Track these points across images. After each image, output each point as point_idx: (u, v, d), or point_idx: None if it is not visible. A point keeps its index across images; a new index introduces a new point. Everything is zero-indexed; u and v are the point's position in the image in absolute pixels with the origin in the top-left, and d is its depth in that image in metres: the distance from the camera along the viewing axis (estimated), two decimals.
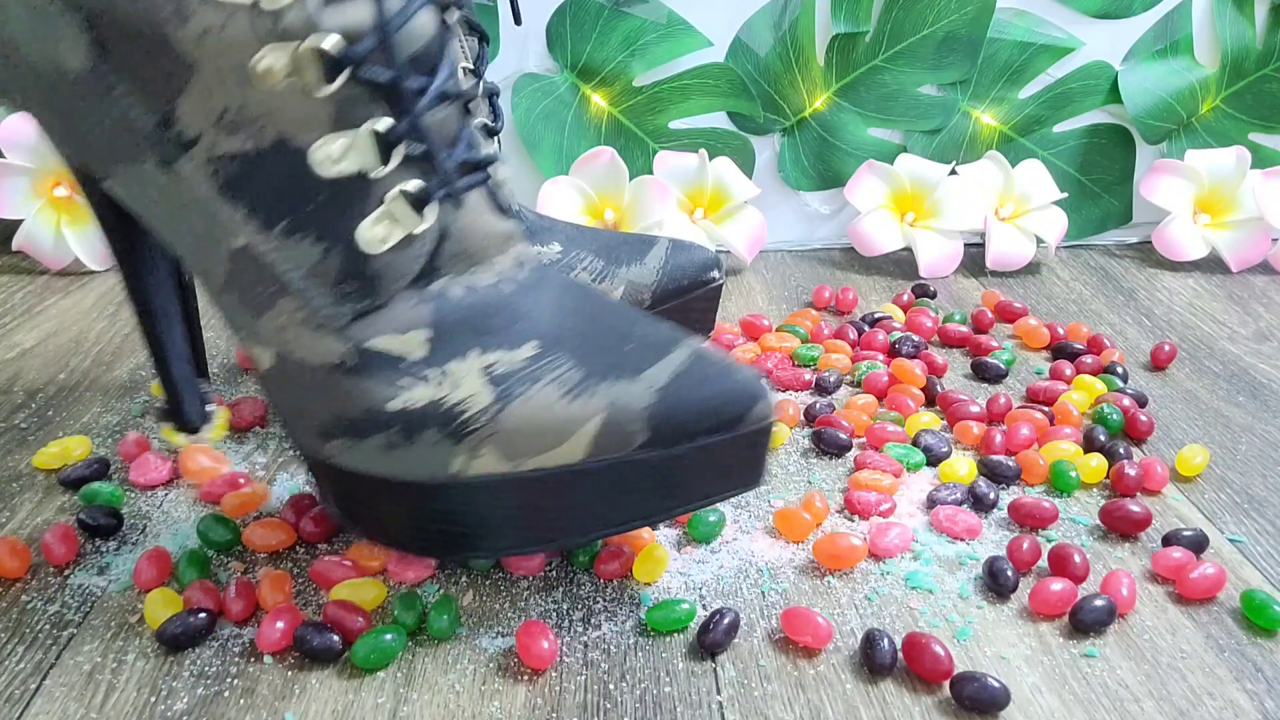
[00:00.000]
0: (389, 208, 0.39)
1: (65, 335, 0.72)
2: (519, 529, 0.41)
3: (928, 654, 0.40)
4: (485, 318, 0.41)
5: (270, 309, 0.41)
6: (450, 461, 0.40)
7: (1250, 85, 0.89)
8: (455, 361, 0.41)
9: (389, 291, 0.40)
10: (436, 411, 0.40)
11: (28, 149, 0.81)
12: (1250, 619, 0.44)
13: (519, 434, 0.40)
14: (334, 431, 0.41)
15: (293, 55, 0.37)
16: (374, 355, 0.40)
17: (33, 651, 0.42)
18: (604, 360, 0.41)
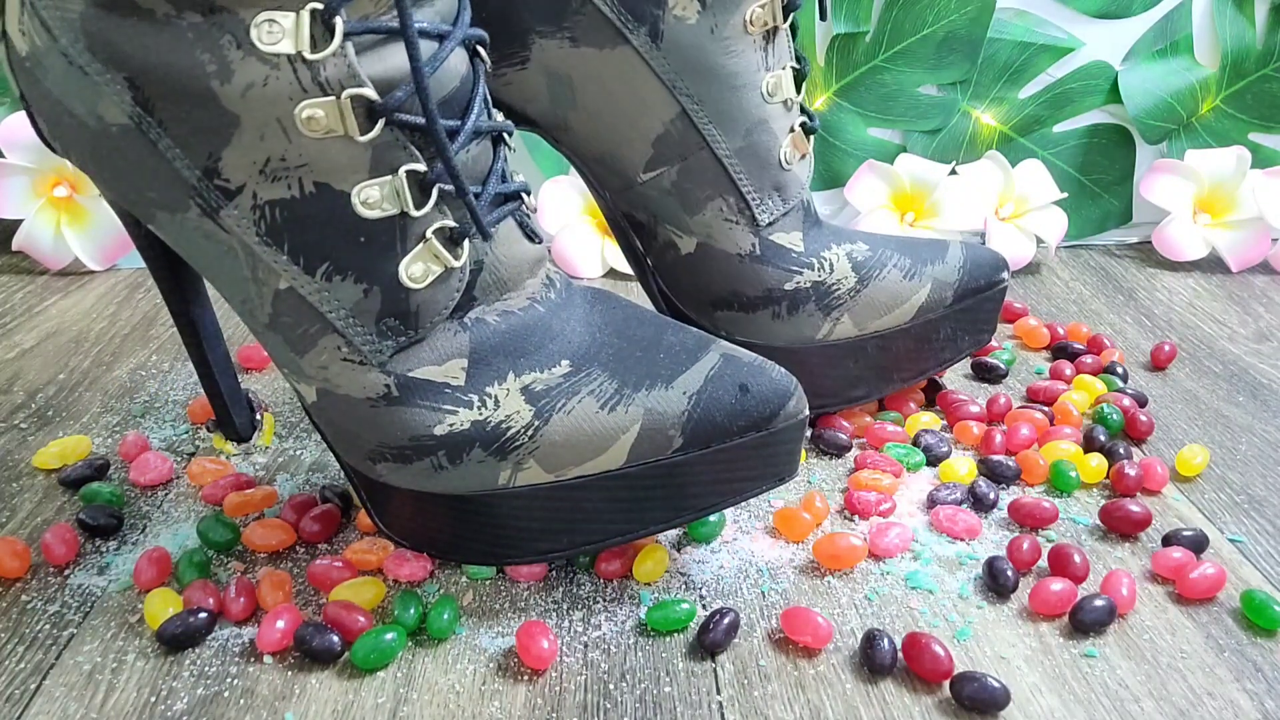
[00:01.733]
0: (427, 246, 0.41)
1: (65, 335, 0.72)
2: (563, 533, 0.43)
3: (928, 654, 0.40)
4: (519, 340, 0.43)
5: (313, 347, 0.42)
6: (498, 476, 0.42)
7: (1250, 85, 0.89)
8: (493, 385, 0.42)
9: (428, 324, 0.42)
10: (480, 432, 0.42)
11: (28, 149, 0.81)
12: (1250, 619, 0.44)
13: (561, 447, 0.42)
14: (381, 458, 0.43)
15: (333, 105, 0.38)
16: (416, 384, 0.42)
17: (33, 651, 0.42)
18: (637, 371, 0.44)
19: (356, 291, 0.41)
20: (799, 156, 0.56)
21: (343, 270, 0.41)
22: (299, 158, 0.39)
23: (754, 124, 0.53)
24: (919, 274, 0.57)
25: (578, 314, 0.45)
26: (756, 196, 0.54)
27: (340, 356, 0.42)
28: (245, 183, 0.39)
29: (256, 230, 0.40)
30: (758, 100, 0.53)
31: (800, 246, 0.55)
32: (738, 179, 0.54)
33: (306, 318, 0.41)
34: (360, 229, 0.40)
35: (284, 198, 0.39)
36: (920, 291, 0.57)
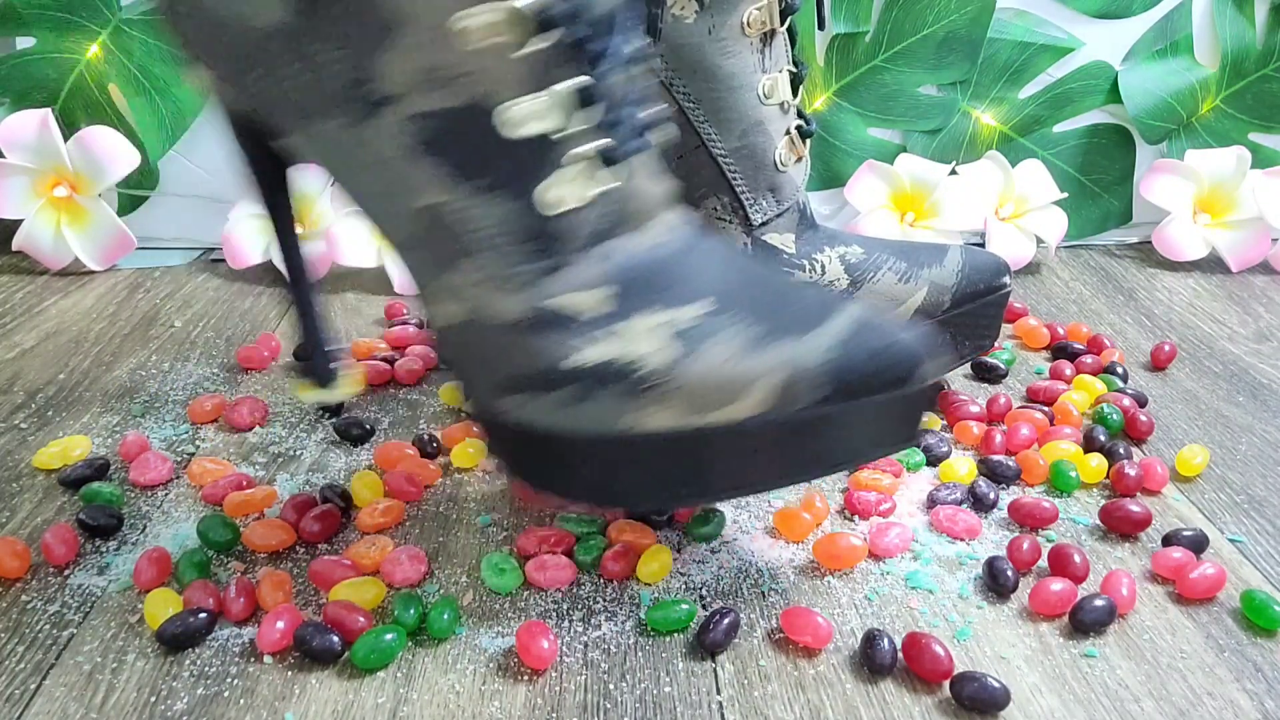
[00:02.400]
0: (574, 168, 0.40)
1: (65, 335, 0.72)
2: (686, 483, 0.42)
3: (928, 654, 0.40)
4: (662, 274, 0.42)
5: (455, 266, 0.41)
6: (622, 417, 0.41)
7: (1250, 85, 0.89)
8: (638, 316, 0.41)
9: (571, 249, 0.41)
10: (612, 368, 0.41)
11: (28, 149, 0.81)
12: (1250, 619, 0.44)
13: (699, 388, 0.40)
14: (512, 387, 0.42)
15: (498, 14, 0.37)
16: (555, 313, 0.41)
17: (33, 651, 0.42)
18: (779, 316, 0.42)
19: (505, 210, 0.40)
20: (794, 159, 0.56)
21: (489, 188, 0.40)
22: (457, 68, 0.38)
23: (750, 125, 0.54)
24: (915, 277, 0.57)
25: (715, 254, 0.44)
26: (750, 196, 0.55)
27: (483, 278, 0.41)
28: (399, 91, 0.39)
29: (405, 141, 0.39)
30: (754, 101, 0.54)
31: (792, 248, 0.56)
32: (732, 178, 0.54)
33: (449, 236, 0.41)
34: (509, 146, 0.39)
35: (437, 109, 0.39)
36: (916, 295, 0.57)
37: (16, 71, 0.84)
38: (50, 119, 0.81)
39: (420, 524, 0.50)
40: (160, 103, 0.85)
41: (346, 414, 0.61)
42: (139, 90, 0.85)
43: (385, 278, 0.82)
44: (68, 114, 0.85)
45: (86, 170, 0.82)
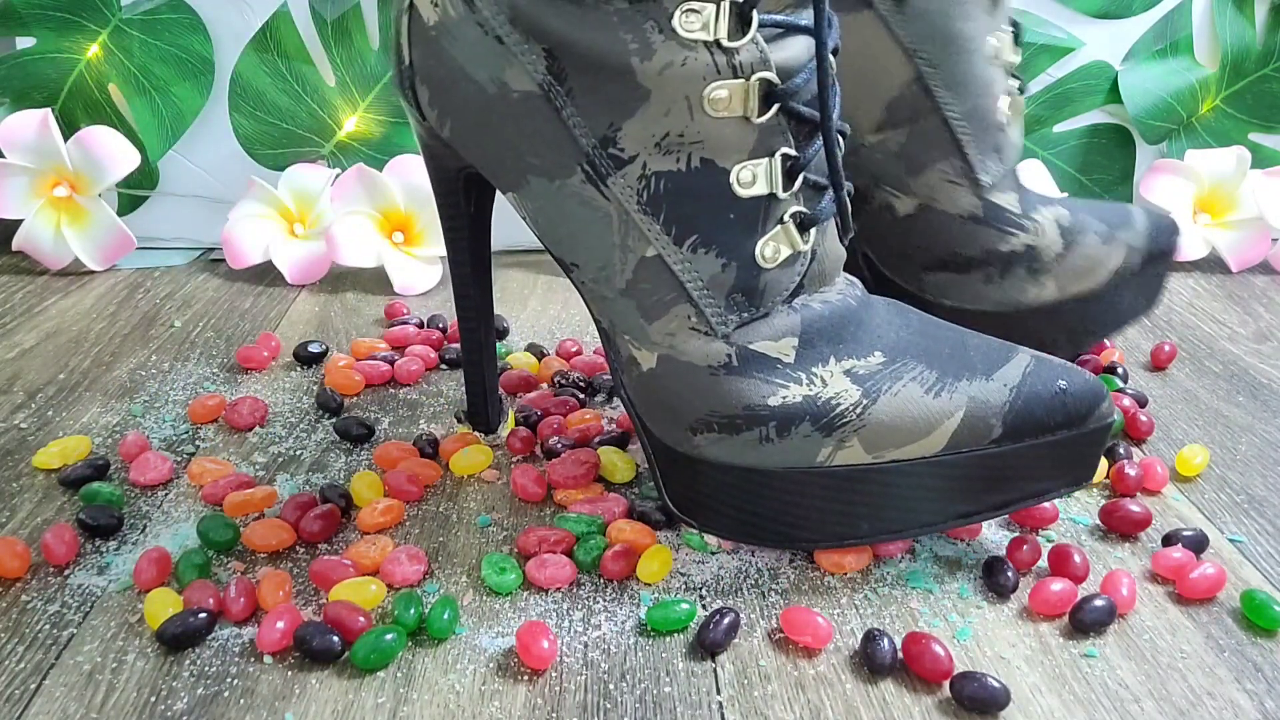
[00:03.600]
0: (783, 229, 0.44)
1: (65, 335, 0.72)
2: (864, 518, 0.45)
3: (928, 654, 0.40)
4: (839, 328, 0.45)
5: (664, 314, 0.45)
6: (818, 453, 0.44)
7: (1250, 85, 0.89)
8: (819, 366, 0.45)
9: (770, 303, 0.45)
10: (812, 407, 0.44)
11: (28, 149, 0.81)
12: (1250, 619, 0.44)
13: (885, 427, 0.44)
14: (707, 427, 0.45)
15: (741, 87, 0.42)
16: (754, 356, 0.44)
17: (33, 651, 0.42)
18: (953, 364, 0.45)
19: (716, 265, 0.44)
20: (1013, 118, 0.57)
21: (708, 244, 0.44)
22: (695, 134, 0.42)
23: (981, 87, 0.55)
24: (1113, 239, 0.58)
25: (881, 312, 0.47)
26: (980, 158, 0.56)
27: (689, 325, 0.44)
28: (638, 153, 0.43)
29: (638, 199, 0.43)
30: (983, 63, 0.55)
31: (1017, 208, 0.57)
32: (963, 141, 0.55)
33: (664, 286, 0.44)
34: (732, 206, 0.43)
35: (671, 170, 0.43)
36: (1115, 256, 0.58)
37: (16, 71, 0.84)
38: (50, 119, 0.81)
39: (420, 524, 0.50)
40: (160, 103, 0.85)
41: (346, 414, 0.61)
42: (139, 90, 0.85)
43: (385, 278, 0.82)
44: (68, 114, 0.85)
45: (86, 170, 0.82)
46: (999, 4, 0.56)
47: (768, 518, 0.45)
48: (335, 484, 0.52)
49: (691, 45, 0.41)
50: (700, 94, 0.42)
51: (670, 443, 0.46)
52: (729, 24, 0.41)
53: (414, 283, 0.81)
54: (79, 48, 0.84)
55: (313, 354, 0.67)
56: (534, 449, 0.57)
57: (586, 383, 0.63)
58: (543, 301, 0.80)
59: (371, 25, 0.85)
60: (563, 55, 0.42)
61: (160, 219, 0.89)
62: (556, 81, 0.42)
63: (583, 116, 0.43)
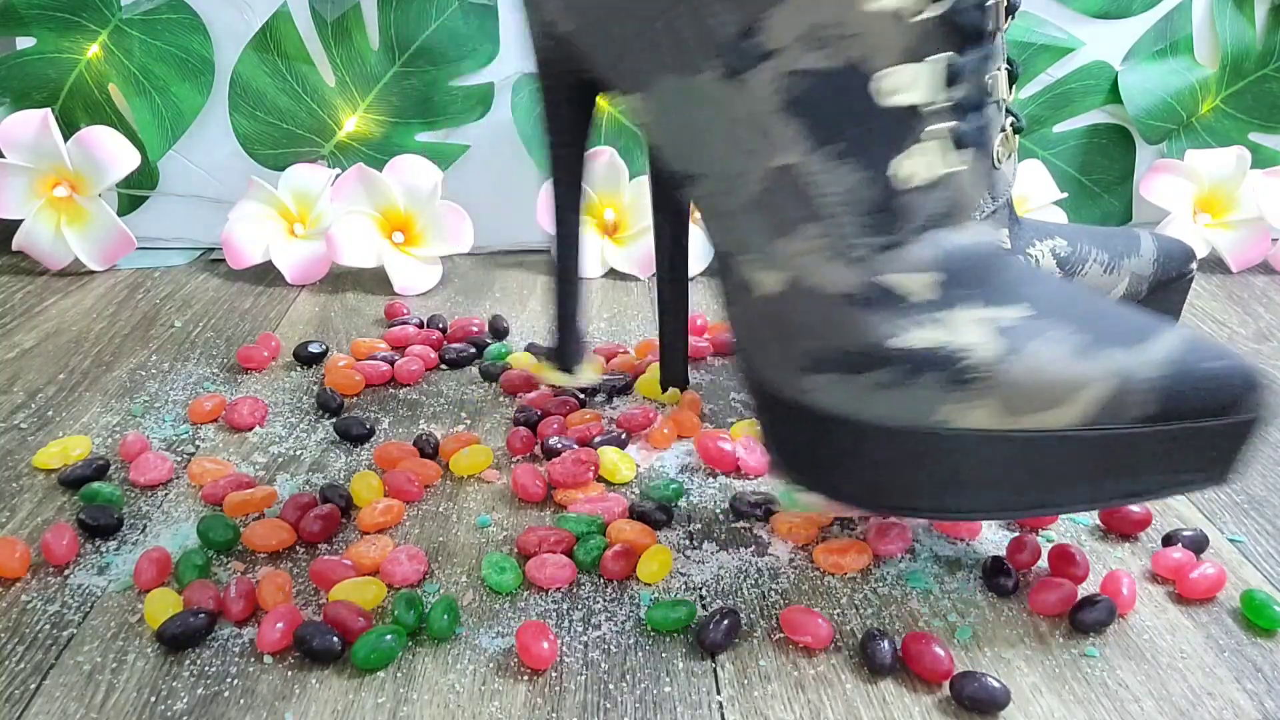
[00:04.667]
0: (931, 144, 0.40)
1: (65, 335, 0.72)
2: (989, 492, 0.41)
3: (928, 654, 0.40)
4: (986, 271, 0.41)
5: (794, 232, 0.41)
6: (937, 409, 0.40)
7: (1250, 85, 0.89)
8: (961, 308, 0.40)
9: (909, 230, 0.40)
10: (938, 355, 0.40)
11: (28, 149, 0.81)
12: (1250, 619, 0.44)
13: (1022, 388, 0.40)
14: (822, 365, 0.41)
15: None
16: (886, 290, 0.40)
17: (33, 651, 0.42)
18: (1104, 328, 0.41)
19: (854, 179, 0.40)
20: (1007, 155, 0.56)
21: (848, 153, 0.40)
22: (848, 28, 0.38)
23: None
24: (1117, 267, 0.57)
25: (1021, 262, 0.43)
26: None
27: (820, 246, 0.40)
28: (784, 46, 0.39)
29: (778, 98, 0.39)
30: None
31: (1008, 244, 0.56)
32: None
33: (797, 200, 0.40)
34: (876, 114, 0.39)
35: (817, 68, 0.39)
36: (1119, 285, 0.57)
37: (16, 71, 0.84)
38: (50, 119, 0.81)
39: (420, 524, 0.50)
40: (160, 103, 0.85)
41: (346, 414, 0.61)
42: (139, 90, 0.85)
43: (385, 278, 0.82)
44: (68, 114, 0.85)
45: (86, 170, 0.82)
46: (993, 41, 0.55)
47: (879, 481, 0.41)
48: (335, 484, 0.52)
49: None
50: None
51: (778, 387, 0.42)
52: None
53: (414, 283, 0.81)
54: (79, 48, 0.84)
55: (313, 354, 0.67)
56: (534, 449, 0.57)
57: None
58: (543, 301, 0.80)
59: (371, 25, 0.85)
60: None
61: (160, 219, 0.89)
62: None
63: (725, 3, 0.39)
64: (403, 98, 0.86)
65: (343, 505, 0.51)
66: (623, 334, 0.73)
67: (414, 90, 0.86)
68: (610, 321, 0.75)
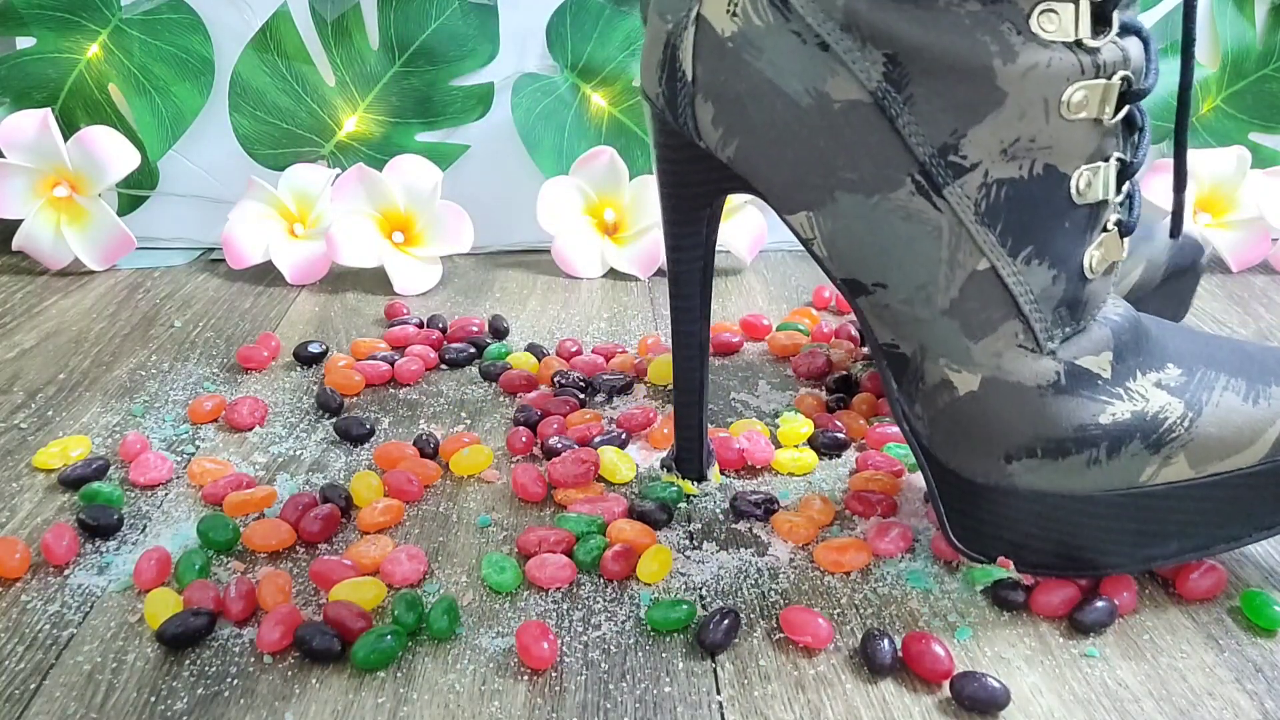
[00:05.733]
0: (1108, 236, 0.43)
1: (65, 335, 0.72)
2: (1176, 537, 0.44)
3: (928, 654, 0.40)
4: (1137, 340, 0.44)
5: (992, 333, 0.42)
6: (1143, 471, 0.43)
7: (1250, 85, 0.89)
8: (1132, 380, 0.43)
9: (1089, 315, 0.43)
10: (1141, 422, 0.43)
11: (28, 149, 0.81)
12: (1250, 619, 0.44)
13: (1212, 440, 0.43)
14: (1029, 452, 0.43)
15: (1100, 88, 0.40)
16: (1079, 373, 0.43)
17: (33, 651, 0.42)
18: (1251, 369, 0.44)
19: (1047, 277, 0.42)
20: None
21: (1042, 254, 0.42)
22: (1046, 139, 0.40)
23: None
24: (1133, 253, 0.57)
25: (1149, 322, 0.46)
26: None
27: (1017, 343, 0.42)
28: (980, 160, 0.40)
29: (975, 209, 0.41)
30: None
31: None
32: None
33: (995, 301, 0.42)
34: (1068, 214, 0.42)
35: (1013, 177, 0.41)
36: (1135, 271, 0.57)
37: (16, 71, 0.84)
38: (50, 119, 0.81)
39: (420, 524, 0.50)
40: (160, 103, 0.85)
41: (346, 414, 0.61)
42: (139, 90, 0.85)
43: (385, 278, 0.82)
44: (68, 114, 0.85)
45: (86, 170, 0.82)
46: None
47: (1076, 546, 0.44)
48: (335, 484, 0.52)
49: (1053, 45, 0.39)
50: (1060, 96, 0.40)
51: (973, 474, 0.44)
52: (1090, 23, 0.39)
53: (414, 283, 0.81)
54: (79, 48, 0.84)
55: (313, 354, 0.67)
56: (534, 449, 0.57)
57: (586, 383, 0.63)
58: (542, 301, 0.80)
59: (371, 25, 0.85)
60: (907, 60, 0.40)
61: (160, 219, 0.89)
62: (894, 88, 0.40)
63: (921, 124, 0.40)
64: (403, 98, 0.86)
65: (343, 505, 0.51)
66: (623, 334, 0.73)
67: (414, 90, 0.86)
68: (610, 321, 0.75)
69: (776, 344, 0.69)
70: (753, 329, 0.71)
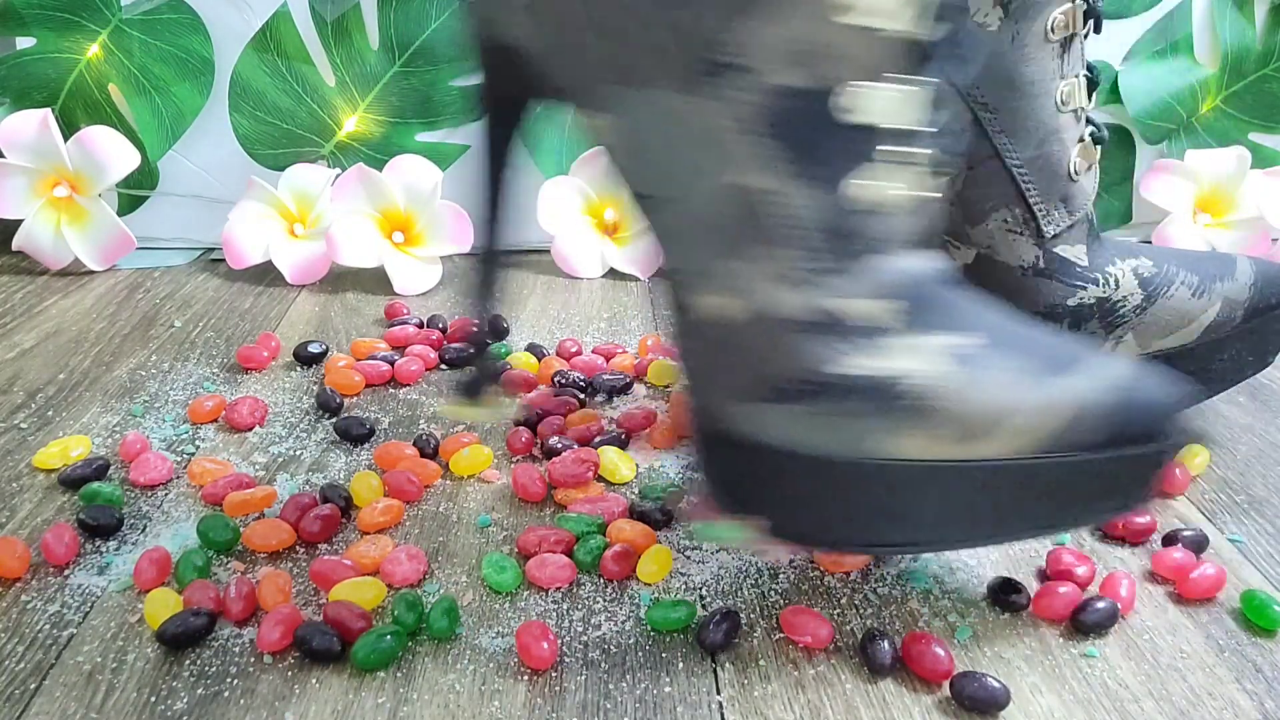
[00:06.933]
0: (894, 168, 0.39)
1: (65, 335, 0.72)
2: (928, 525, 0.40)
3: (928, 654, 0.40)
4: (944, 299, 0.41)
5: (746, 254, 0.39)
6: (871, 438, 0.39)
7: (1250, 85, 0.89)
8: (922, 336, 0.39)
9: (866, 253, 0.39)
10: (875, 382, 0.39)
11: (28, 149, 0.81)
12: (1250, 619, 0.44)
13: (969, 416, 0.39)
14: (755, 394, 0.40)
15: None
16: (835, 317, 0.39)
17: (33, 651, 0.42)
18: (1053, 356, 0.41)
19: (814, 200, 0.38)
20: (1086, 167, 0.55)
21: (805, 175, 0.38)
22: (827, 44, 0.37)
23: (1047, 134, 0.53)
24: (1208, 291, 0.55)
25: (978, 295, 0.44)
26: (1043, 207, 0.53)
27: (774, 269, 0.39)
28: (762, 63, 0.37)
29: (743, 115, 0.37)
30: (1052, 109, 0.53)
31: (1085, 260, 0.54)
32: (1026, 189, 0.53)
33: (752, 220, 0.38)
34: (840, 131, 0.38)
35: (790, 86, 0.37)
36: (1210, 309, 0.55)
37: (16, 71, 0.84)
38: (50, 119, 0.81)
39: (420, 524, 0.50)
40: (160, 103, 0.85)
41: (346, 414, 0.61)
42: (139, 90, 0.85)
43: (385, 278, 0.82)
44: (68, 114, 0.85)
45: (86, 170, 0.82)
46: (1070, 48, 0.53)
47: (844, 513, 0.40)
48: (335, 484, 0.52)
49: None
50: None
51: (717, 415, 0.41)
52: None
53: (414, 283, 0.81)
54: (79, 48, 0.84)
55: (313, 354, 0.67)
56: (534, 449, 0.57)
57: (586, 383, 0.63)
58: (543, 302, 0.80)
59: (371, 25, 0.85)
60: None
61: (160, 219, 0.89)
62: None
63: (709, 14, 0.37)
64: (403, 98, 0.86)
65: (343, 505, 0.51)
66: (623, 334, 0.73)
67: (414, 90, 0.86)
68: (610, 321, 0.75)
69: None
70: None
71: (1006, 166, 0.53)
